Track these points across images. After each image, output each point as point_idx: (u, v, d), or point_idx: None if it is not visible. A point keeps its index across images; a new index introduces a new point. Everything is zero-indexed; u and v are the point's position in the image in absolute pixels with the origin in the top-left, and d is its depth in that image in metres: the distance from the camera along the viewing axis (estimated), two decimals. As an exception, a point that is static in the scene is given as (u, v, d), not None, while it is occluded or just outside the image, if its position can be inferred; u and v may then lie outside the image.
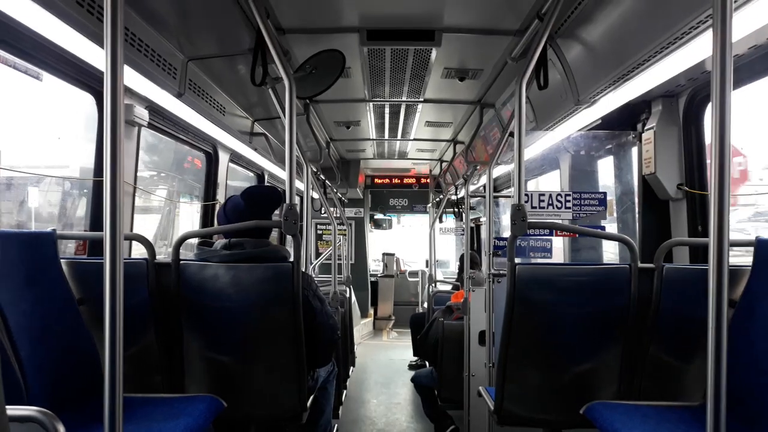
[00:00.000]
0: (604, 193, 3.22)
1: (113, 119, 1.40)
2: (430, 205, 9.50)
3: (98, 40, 2.18)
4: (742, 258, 2.27)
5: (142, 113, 3.11)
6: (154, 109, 3.23)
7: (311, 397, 2.68)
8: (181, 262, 2.39)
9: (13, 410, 1.32)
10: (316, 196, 5.98)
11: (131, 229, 3.26)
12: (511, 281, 2.30)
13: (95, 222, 2.99)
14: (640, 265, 2.33)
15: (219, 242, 2.59)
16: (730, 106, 1.39)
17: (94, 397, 2.06)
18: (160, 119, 3.47)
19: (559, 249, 4.87)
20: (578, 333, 2.40)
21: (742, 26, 2.14)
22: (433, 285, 7.26)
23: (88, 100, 2.93)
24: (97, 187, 2.97)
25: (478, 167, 5.23)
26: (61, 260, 2.22)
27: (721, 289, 1.36)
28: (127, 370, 1.46)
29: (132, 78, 2.69)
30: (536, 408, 2.50)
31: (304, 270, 2.67)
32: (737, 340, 1.93)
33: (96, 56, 2.38)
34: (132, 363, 2.45)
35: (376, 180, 10.76)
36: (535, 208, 3.17)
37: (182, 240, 2.48)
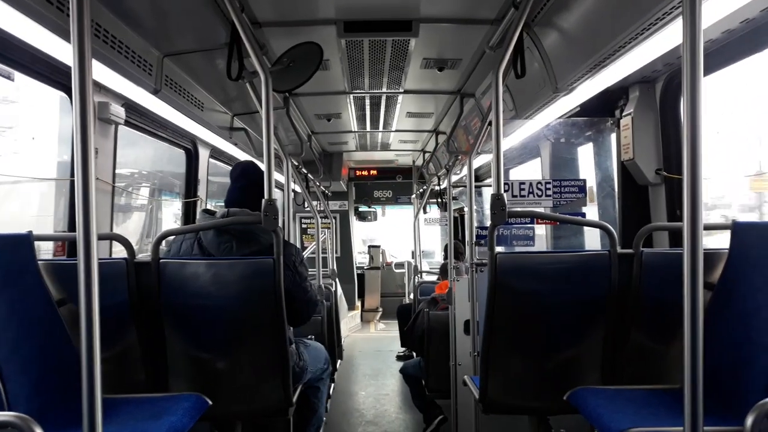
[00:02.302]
0: (584, 180, 3.24)
1: (83, 115, 1.38)
2: (414, 196, 9.52)
3: (69, 38, 2.15)
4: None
5: (118, 111, 3.07)
6: (130, 106, 3.20)
7: (297, 393, 2.68)
8: (161, 260, 2.37)
9: (-12, 416, 1.31)
10: (298, 189, 5.96)
11: (111, 229, 3.23)
12: (492, 270, 2.31)
13: (73, 222, 2.96)
14: (619, 250, 2.35)
15: (220, 211, 2.73)
16: (702, 92, 1.40)
17: (76, 399, 2.04)
18: (138, 116, 3.43)
19: (542, 236, 4.90)
20: (560, 320, 2.42)
21: (716, 11, 2.15)
22: (419, 276, 7.28)
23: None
24: (74, 186, 2.93)
25: (460, 157, 5.23)
26: (39, 262, 2.20)
27: (695, 273, 1.37)
28: (109, 370, 1.45)
29: (107, 75, 2.65)
30: (520, 396, 2.52)
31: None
32: (715, 322, 1.95)
33: (68, 54, 2.35)
34: (114, 363, 2.43)
35: (359, 172, 10.73)
36: (516, 196, 3.17)
37: (162, 238, 2.46)
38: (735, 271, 1.98)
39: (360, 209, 11.51)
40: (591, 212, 3.98)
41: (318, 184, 7.14)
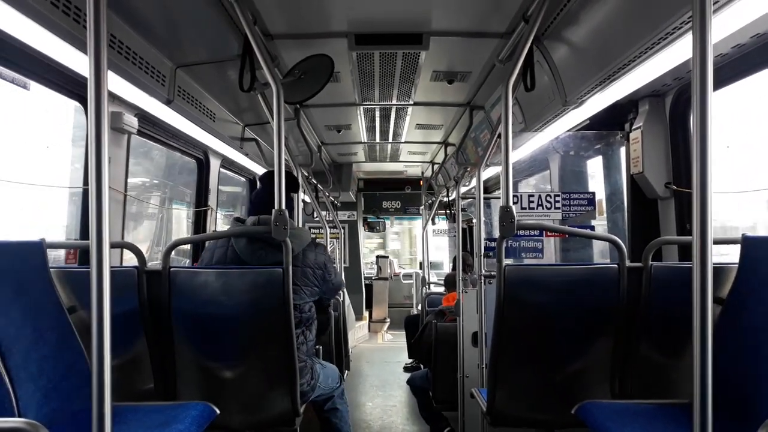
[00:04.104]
0: (593, 193, 3.23)
1: (98, 125, 1.40)
2: (422, 207, 9.52)
3: (85, 49, 2.18)
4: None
5: (131, 121, 3.11)
6: (143, 116, 3.23)
7: (304, 405, 2.68)
8: (171, 269, 2.39)
9: None
10: (308, 200, 5.98)
11: (122, 237, 3.25)
12: (500, 282, 2.31)
13: (85, 230, 2.99)
14: (628, 264, 2.34)
15: (250, 219, 2.78)
16: (712, 106, 1.40)
17: (87, 407, 2.05)
18: (150, 126, 3.47)
19: (549, 249, 4.89)
20: (568, 333, 2.41)
21: (726, 25, 2.16)
22: (427, 287, 7.26)
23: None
24: (87, 195, 2.97)
25: (469, 169, 5.24)
26: (51, 269, 2.22)
27: (705, 287, 1.37)
28: (118, 378, 1.46)
29: (120, 86, 2.69)
30: (528, 408, 2.51)
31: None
32: (725, 337, 1.95)
33: (83, 64, 2.38)
34: (124, 371, 2.45)
35: (368, 183, 10.76)
36: (525, 209, 3.17)
37: (172, 247, 2.48)
38: (745, 286, 1.97)
39: (369, 220, 11.53)
40: (600, 226, 3.97)
41: (327, 194, 7.17)
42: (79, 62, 2.36)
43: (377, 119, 5.46)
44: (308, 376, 2.82)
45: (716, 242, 1.43)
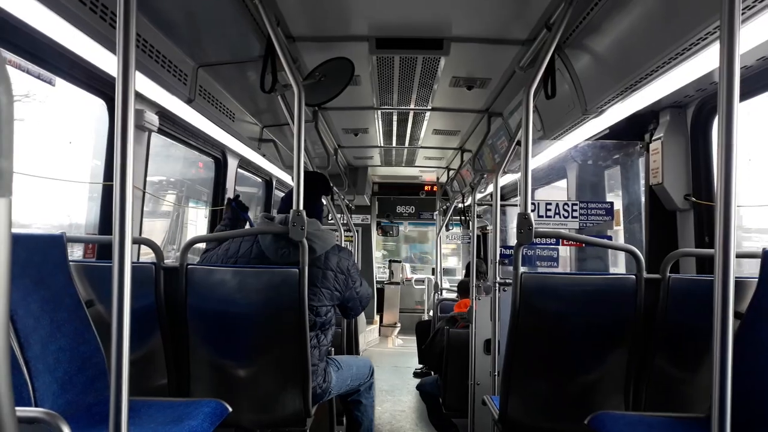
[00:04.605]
0: (611, 203, 3.22)
1: (123, 124, 1.42)
2: (437, 212, 9.51)
3: (110, 46, 2.21)
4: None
5: (152, 119, 3.14)
6: (164, 114, 3.27)
7: (315, 407, 2.69)
8: (188, 266, 2.41)
9: (19, 411, 1.33)
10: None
11: (140, 233, 3.29)
12: (516, 290, 2.30)
13: (105, 225, 3.02)
14: (646, 275, 2.32)
15: (278, 216, 2.72)
16: (737, 118, 1.39)
17: (101, 400, 2.08)
18: (171, 125, 3.50)
19: (564, 258, 4.86)
20: (583, 342, 2.40)
21: (751, 38, 2.14)
22: (439, 293, 7.25)
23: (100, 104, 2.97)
24: (107, 191, 3.00)
25: (485, 175, 5.23)
26: (70, 263, 2.25)
27: (726, 300, 1.36)
28: (133, 373, 1.47)
29: (143, 84, 2.72)
30: (540, 417, 2.50)
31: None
32: (744, 351, 1.92)
33: (108, 62, 2.41)
34: (139, 366, 2.47)
35: (383, 187, 10.77)
36: (542, 217, 3.16)
37: (190, 244, 2.50)
38: (765, 300, 1.94)
39: (382, 224, 11.54)
40: (617, 236, 3.95)
41: (342, 197, 7.19)
42: (104, 59, 2.38)
43: (394, 123, 5.47)
44: (320, 378, 2.82)
45: (738, 256, 1.42)
